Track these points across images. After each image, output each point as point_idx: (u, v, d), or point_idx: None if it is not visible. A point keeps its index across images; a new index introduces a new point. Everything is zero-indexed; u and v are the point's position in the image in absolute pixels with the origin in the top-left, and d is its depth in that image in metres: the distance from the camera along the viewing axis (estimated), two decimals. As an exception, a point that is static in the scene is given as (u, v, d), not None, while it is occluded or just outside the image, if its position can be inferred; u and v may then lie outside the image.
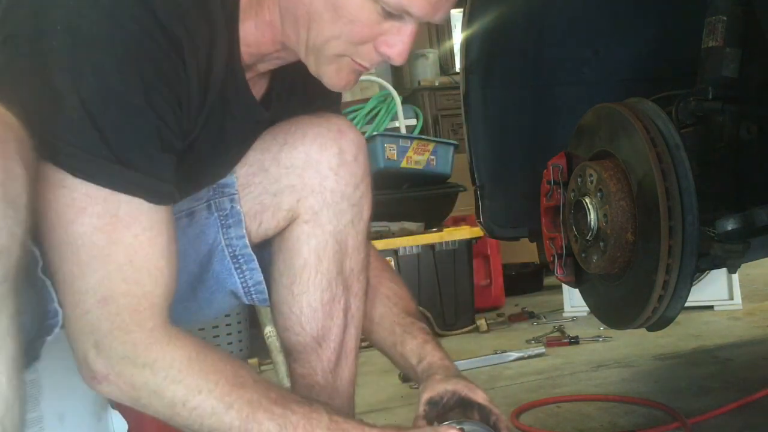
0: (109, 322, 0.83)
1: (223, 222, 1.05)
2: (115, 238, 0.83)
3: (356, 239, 1.09)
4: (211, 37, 0.90)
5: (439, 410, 1.04)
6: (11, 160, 0.71)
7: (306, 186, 1.05)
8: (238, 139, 1.04)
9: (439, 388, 1.04)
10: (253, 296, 1.09)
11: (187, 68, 0.87)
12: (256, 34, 0.96)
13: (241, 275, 1.07)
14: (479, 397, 1.04)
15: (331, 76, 0.94)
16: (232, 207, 1.05)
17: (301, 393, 1.13)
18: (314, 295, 1.07)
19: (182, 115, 0.89)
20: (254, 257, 1.06)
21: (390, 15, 0.88)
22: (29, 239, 0.78)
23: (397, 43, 0.89)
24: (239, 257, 1.06)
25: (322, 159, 1.04)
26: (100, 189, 0.82)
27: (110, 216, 0.83)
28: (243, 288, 1.08)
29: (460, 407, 1.05)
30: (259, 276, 1.08)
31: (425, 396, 1.04)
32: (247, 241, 1.05)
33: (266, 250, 1.10)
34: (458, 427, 0.96)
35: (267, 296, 1.10)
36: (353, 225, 1.08)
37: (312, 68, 0.95)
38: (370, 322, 1.19)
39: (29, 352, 0.83)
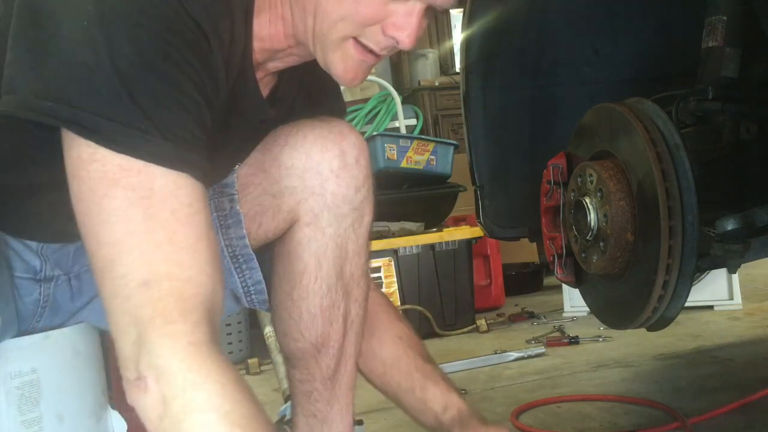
0: (151, 309, 0.74)
1: (222, 222, 1.04)
2: (151, 213, 0.76)
3: (357, 243, 1.07)
4: (231, 31, 0.89)
5: None
6: None
7: (306, 188, 1.03)
8: (242, 136, 1.03)
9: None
10: (253, 296, 1.09)
11: (214, 57, 0.85)
12: (270, 29, 0.95)
13: (240, 275, 1.06)
14: None
15: (337, 64, 0.92)
16: (231, 207, 1.03)
17: (299, 399, 1.13)
18: (313, 301, 1.06)
19: (214, 96, 0.86)
20: (254, 257, 1.05)
21: None
22: None
23: (405, 25, 0.88)
24: (239, 257, 1.05)
25: (323, 161, 1.02)
26: (134, 161, 0.76)
27: (146, 189, 0.76)
28: (243, 288, 1.07)
29: None
30: (259, 275, 1.07)
31: None
32: (247, 241, 1.04)
33: (266, 254, 1.10)
34: None
35: (266, 297, 1.09)
36: (354, 229, 1.06)
37: (320, 59, 0.94)
38: (382, 363, 1.18)
39: None
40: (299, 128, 1.04)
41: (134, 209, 0.76)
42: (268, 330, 2.02)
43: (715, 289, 2.78)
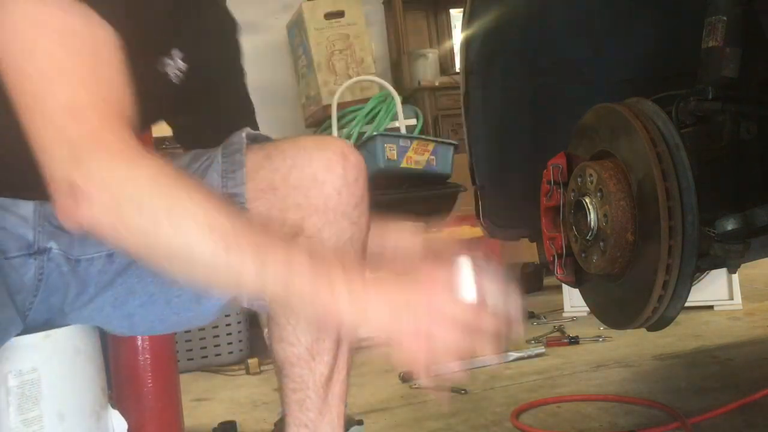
0: (82, 131, 0.82)
1: None
2: (75, 50, 0.84)
3: (354, 257, 1.11)
4: None
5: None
6: None
7: (311, 205, 1.08)
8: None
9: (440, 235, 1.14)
10: (255, 300, 1.11)
11: None
12: None
13: None
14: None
15: None
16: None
17: (291, 409, 1.14)
18: None
19: None
20: None
21: None
22: None
23: None
24: None
25: (327, 180, 1.08)
26: (58, 3, 0.83)
27: (69, 29, 0.84)
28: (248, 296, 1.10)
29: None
30: None
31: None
32: None
33: None
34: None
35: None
36: (352, 243, 1.11)
37: None
38: None
39: None
40: (306, 150, 1.10)
41: (61, 47, 0.84)
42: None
43: (715, 289, 2.78)
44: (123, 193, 0.82)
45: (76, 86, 0.83)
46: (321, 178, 1.08)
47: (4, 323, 0.94)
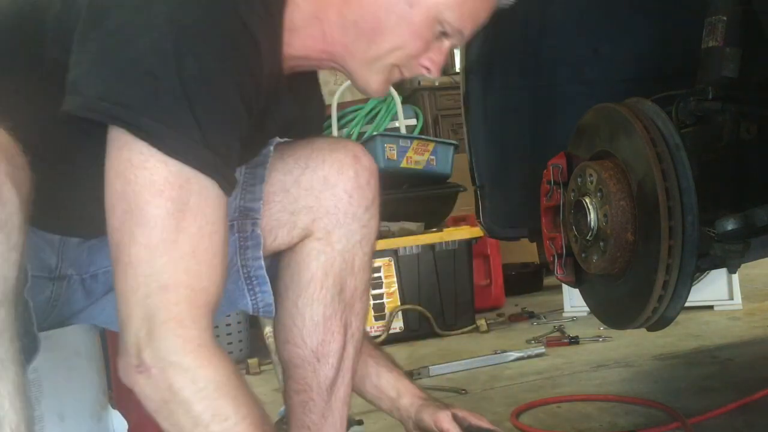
0: (166, 311, 0.84)
1: (242, 243, 1.08)
2: (183, 227, 0.85)
3: (363, 260, 1.13)
4: (272, 43, 0.95)
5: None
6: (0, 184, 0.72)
7: (322, 207, 1.09)
8: (272, 134, 1.09)
9: (449, 413, 1.19)
10: (260, 313, 1.12)
11: (262, 69, 0.92)
12: (306, 42, 1.00)
13: (252, 297, 1.10)
14: (485, 422, 1.19)
15: (378, 83, 1.03)
16: (253, 230, 1.08)
17: (294, 410, 1.15)
18: (317, 309, 1.10)
19: (255, 105, 0.93)
20: (267, 280, 1.10)
21: (443, 35, 1.00)
22: (24, 259, 0.78)
23: (438, 59, 1.02)
24: (253, 278, 1.09)
25: (339, 182, 1.09)
26: (179, 175, 0.83)
27: (183, 203, 0.84)
28: (252, 308, 1.11)
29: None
30: (270, 298, 1.11)
31: (446, 420, 1.18)
32: (263, 263, 1.08)
33: (274, 260, 1.12)
34: None
35: (273, 315, 1.12)
36: (361, 246, 1.12)
37: (359, 75, 1.02)
38: None
39: None
40: (319, 152, 1.11)
41: (170, 220, 0.84)
42: (268, 330, 2.02)
43: (715, 289, 2.78)
44: (179, 390, 0.84)
45: (175, 264, 0.84)
46: (333, 180, 1.09)
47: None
